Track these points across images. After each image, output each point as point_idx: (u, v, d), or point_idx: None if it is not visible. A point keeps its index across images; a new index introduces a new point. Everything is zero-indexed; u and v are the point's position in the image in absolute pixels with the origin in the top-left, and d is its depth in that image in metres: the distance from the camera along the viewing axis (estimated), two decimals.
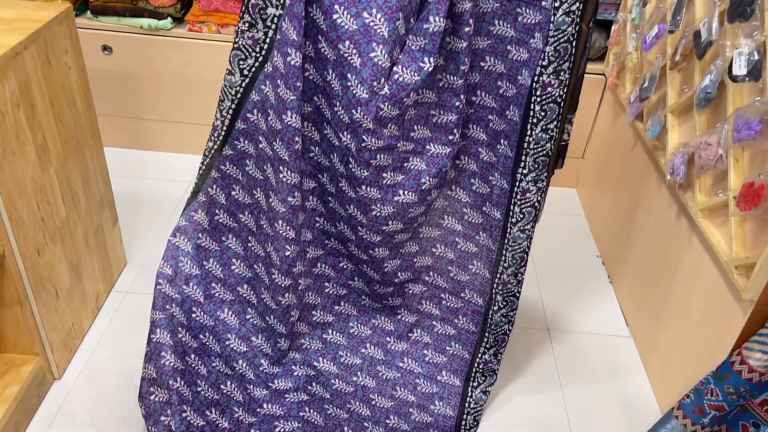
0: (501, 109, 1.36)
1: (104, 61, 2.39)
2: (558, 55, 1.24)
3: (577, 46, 1.23)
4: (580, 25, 1.21)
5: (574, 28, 1.21)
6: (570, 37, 1.22)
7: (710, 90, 1.48)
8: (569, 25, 1.21)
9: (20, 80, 1.37)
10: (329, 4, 1.17)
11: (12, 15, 1.48)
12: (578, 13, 1.21)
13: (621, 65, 2.16)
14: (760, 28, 1.32)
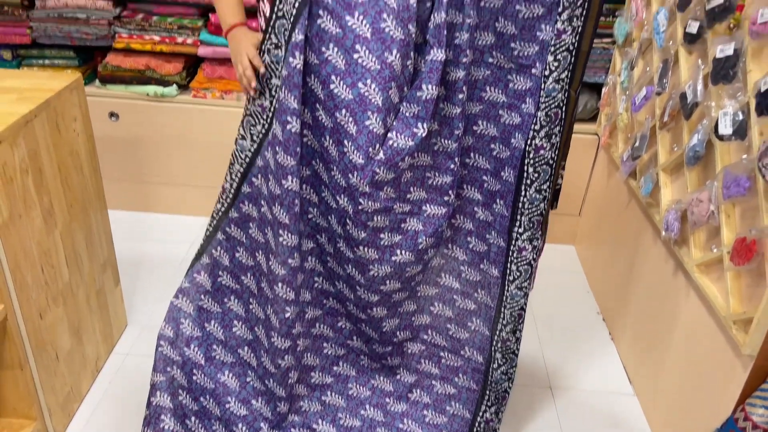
0: (495, 170, 1.40)
1: (111, 127, 2.46)
2: (549, 119, 1.29)
3: (566, 110, 1.29)
4: (568, 91, 1.27)
5: (563, 94, 1.27)
6: (560, 102, 1.28)
7: (699, 149, 1.52)
8: (559, 92, 1.27)
9: (30, 147, 1.41)
10: (326, 75, 1.22)
11: (25, 85, 1.54)
12: (567, 80, 1.27)
13: (613, 125, 2.22)
14: (742, 90, 1.37)
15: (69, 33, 2.36)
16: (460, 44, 1.26)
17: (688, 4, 1.62)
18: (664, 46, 1.78)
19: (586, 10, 1.22)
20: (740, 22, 1.39)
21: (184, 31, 2.36)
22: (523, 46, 1.29)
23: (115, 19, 2.35)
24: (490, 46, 1.31)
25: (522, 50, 1.29)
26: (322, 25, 1.20)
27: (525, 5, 1.25)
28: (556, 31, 1.24)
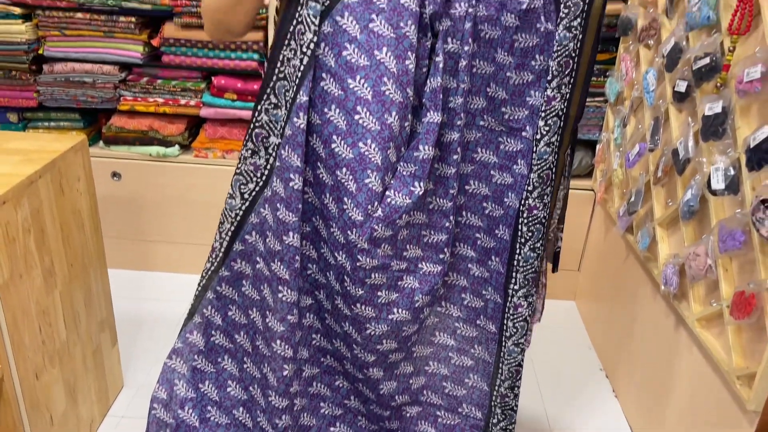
0: (489, 228, 1.42)
1: (113, 186, 2.49)
2: (542, 181, 1.33)
3: (556, 172, 1.33)
4: (559, 154, 1.31)
5: (554, 156, 1.31)
6: (551, 165, 1.32)
7: (693, 203, 1.54)
8: (550, 155, 1.31)
9: (33, 207, 1.43)
10: (328, 135, 1.26)
11: (31, 147, 1.57)
12: (557, 143, 1.31)
13: (608, 181, 2.25)
14: (733, 146, 1.41)
15: (75, 96, 2.42)
16: (455, 108, 1.30)
17: (675, 65, 1.68)
18: (655, 104, 1.83)
19: (574, 79, 1.27)
20: (727, 81, 1.44)
21: (187, 93, 2.43)
22: (513, 110, 1.33)
23: (120, 82, 2.42)
24: (482, 110, 1.35)
25: (512, 114, 1.34)
26: (325, 87, 1.24)
27: (515, 72, 1.30)
28: (546, 98, 1.29)
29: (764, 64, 1.29)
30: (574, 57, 1.25)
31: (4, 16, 2.30)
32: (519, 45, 1.28)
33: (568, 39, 1.24)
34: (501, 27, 1.29)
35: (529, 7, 1.24)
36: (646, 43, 1.95)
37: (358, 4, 1.21)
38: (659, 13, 1.85)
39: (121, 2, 2.27)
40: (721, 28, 1.48)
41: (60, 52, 2.36)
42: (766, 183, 1.26)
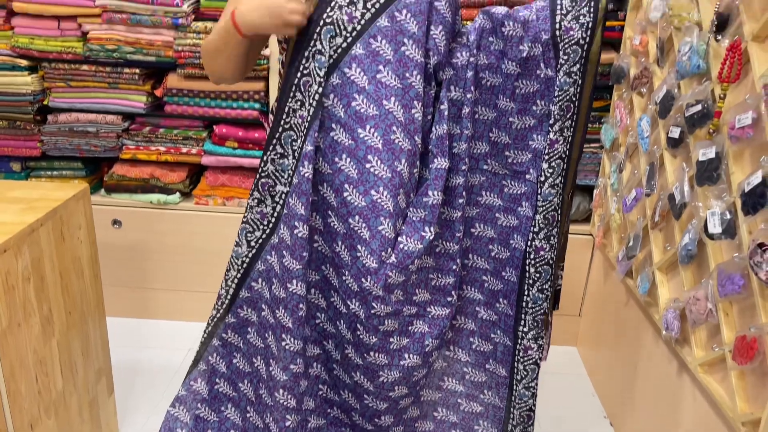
0: (495, 270, 1.43)
1: (113, 234, 2.50)
2: (547, 222, 1.35)
3: (562, 213, 1.35)
4: (563, 195, 1.34)
5: (558, 198, 1.33)
6: (556, 206, 1.34)
7: (691, 248, 1.55)
8: (555, 197, 1.33)
9: (34, 255, 1.44)
10: (340, 184, 1.28)
11: (33, 195, 1.59)
12: (561, 185, 1.33)
13: (606, 226, 2.27)
14: (728, 191, 1.42)
15: (78, 145, 2.45)
16: (459, 153, 1.34)
17: (668, 112, 1.71)
18: (650, 150, 1.85)
19: (575, 122, 1.31)
20: (719, 127, 1.46)
21: (189, 142, 2.46)
22: (516, 154, 1.36)
23: (123, 131, 2.46)
24: (485, 155, 1.38)
25: (516, 158, 1.36)
26: (335, 137, 1.27)
27: (517, 117, 1.34)
28: (548, 141, 1.32)
29: (755, 111, 1.32)
30: (575, 101, 1.29)
31: (11, 68, 2.36)
32: (520, 91, 1.32)
33: (568, 84, 1.28)
34: (502, 74, 1.33)
35: (529, 55, 1.29)
36: (639, 91, 1.99)
37: (365, 56, 1.25)
38: (650, 62, 1.90)
39: (126, 55, 2.33)
40: (711, 76, 1.51)
41: (65, 102, 2.41)
42: (763, 227, 1.27)
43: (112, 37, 2.31)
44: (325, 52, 1.24)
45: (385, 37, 1.25)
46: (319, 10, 1.25)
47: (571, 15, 1.26)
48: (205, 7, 2.32)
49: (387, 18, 1.25)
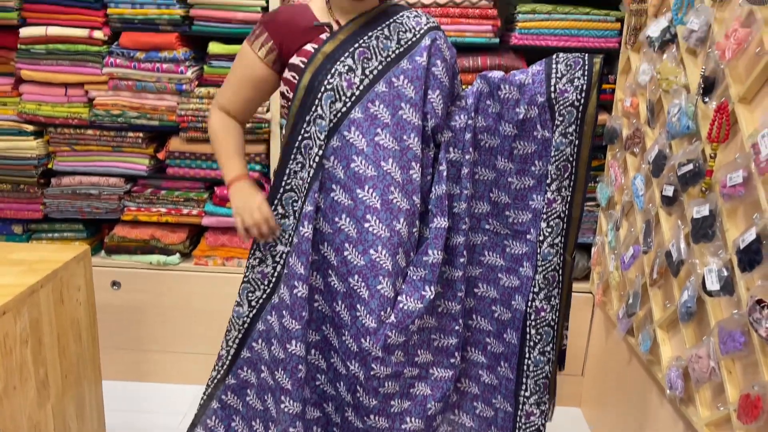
0: (498, 332, 1.42)
1: (112, 295, 2.49)
2: (547, 282, 1.35)
3: (563, 273, 1.35)
4: (564, 255, 1.34)
5: (559, 258, 1.34)
6: (557, 266, 1.35)
7: (690, 305, 1.55)
8: (554, 256, 1.34)
9: (32, 317, 1.43)
10: (340, 243, 1.29)
11: (34, 257, 1.60)
12: (561, 245, 1.34)
13: (605, 284, 2.27)
14: (723, 248, 1.44)
15: (81, 208, 2.48)
16: (459, 213, 1.36)
17: (661, 171, 1.75)
18: (645, 208, 1.88)
19: (574, 182, 1.33)
20: (711, 185, 1.49)
21: (190, 203, 2.49)
22: (516, 213, 1.38)
23: (125, 193, 2.49)
24: (486, 214, 1.40)
25: (516, 218, 1.38)
26: (335, 197, 1.29)
27: (516, 177, 1.36)
28: (546, 200, 1.33)
29: (745, 169, 1.35)
30: (572, 161, 1.32)
31: (17, 133, 2.41)
32: (518, 152, 1.35)
33: (564, 144, 1.31)
34: (500, 136, 1.36)
35: (526, 117, 1.33)
36: (632, 151, 2.04)
37: (363, 120, 1.29)
38: (642, 123, 1.95)
39: (131, 119, 2.39)
40: (701, 137, 1.55)
41: (69, 166, 2.45)
42: (760, 283, 1.28)
43: (118, 103, 2.37)
44: (325, 116, 1.28)
45: (383, 101, 1.29)
46: (320, 77, 1.30)
47: (566, 78, 1.30)
48: (208, 73, 2.39)
49: (385, 84, 1.29)
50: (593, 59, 1.32)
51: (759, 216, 1.29)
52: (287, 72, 1.36)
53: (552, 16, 2.26)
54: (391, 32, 1.35)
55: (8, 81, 2.41)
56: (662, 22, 1.78)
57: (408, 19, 1.39)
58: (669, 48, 1.74)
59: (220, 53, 2.35)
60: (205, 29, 2.33)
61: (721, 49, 1.44)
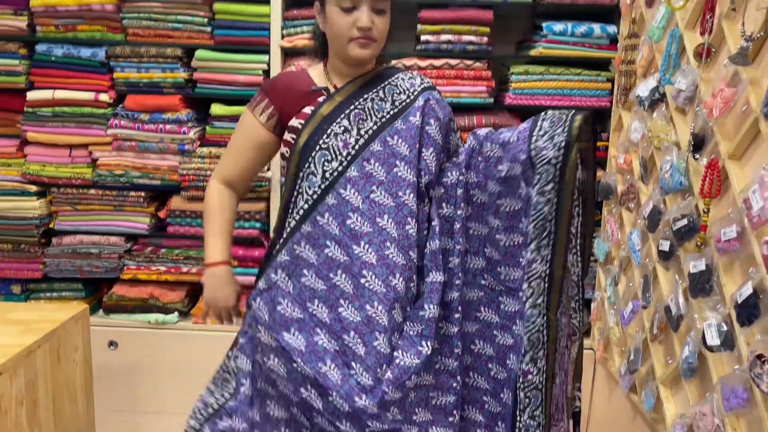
0: (495, 391, 1.39)
1: (109, 355, 2.46)
2: (532, 344, 1.30)
3: (548, 334, 1.31)
4: (547, 315, 1.30)
5: (542, 318, 1.30)
6: (540, 327, 1.30)
7: (692, 360, 1.54)
8: (537, 317, 1.30)
9: (29, 378, 1.42)
10: (334, 300, 1.29)
11: (32, 317, 1.60)
12: (543, 305, 1.30)
13: (606, 339, 2.25)
14: (722, 302, 1.44)
15: (80, 267, 2.48)
16: (453, 268, 1.36)
17: (656, 226, 1.76)
18: (642, 263, 1.89)
19: (553, 241, 1.30)
20: (706, 240, 1.51)
21: (190, 261, 2.50)
22: (507, 270, 1.37)
23: (125, 252, 2.50)
24: (482, 270, 1.40)
25: (507, 274, 1.37)
26: (329, 253, 1.30)
27: (505, 234, 1.36)
28: (527, 260, 1.31)
29: (738, 224, 1.37)
30: (551, 220, 1.28)
31: (20, 193, 2.44)
32: (504, 209, 1.36)
33: (542, 203, 1.28)
34: (488, 192, 1.38)
35: (509, 175, 1.33)
36: (627, 206, 2.06)
37: (359, 178, 1.31)
38: (635, 179, 1.98)
39: (133, 179, 2.42)
40: (693, 192, 1.58)
41: (70, 225, 2.47)
42: (759, 338, 1.28)
43: (121, 163, 2.41)
44: (317, 173, 1.31)
45: (378, 160, 1.32)
46: (316, 137, 1.33)
47: (547, 135, 1.27)
48: (210, 133, 2.44)
49: (380, 143, 1.33)
50: (574, 116, 1.26)
51: (755, 270, 1.30)
52: (287, 134, 1.40)
53: (545, 76, 2.33)
54: (386, 94, 1.39)
55: (14, 143, 2.46)
56: (651, 82, 1.83)
57: (402, 81, 1.43)
58: (659, 106, 1.79)
59: (222, 114, 2.41)
60: (207, 91, 2.40)
61: (709, 107, 1.48)
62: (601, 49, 2.32)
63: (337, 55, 1.40)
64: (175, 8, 2.34)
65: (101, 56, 2.34)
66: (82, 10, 2.32)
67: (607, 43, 2.32)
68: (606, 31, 2.29)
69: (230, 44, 2.36)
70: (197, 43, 2.37)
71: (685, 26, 1.67)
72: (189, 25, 2.35)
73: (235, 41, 2.36)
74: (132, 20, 2.34)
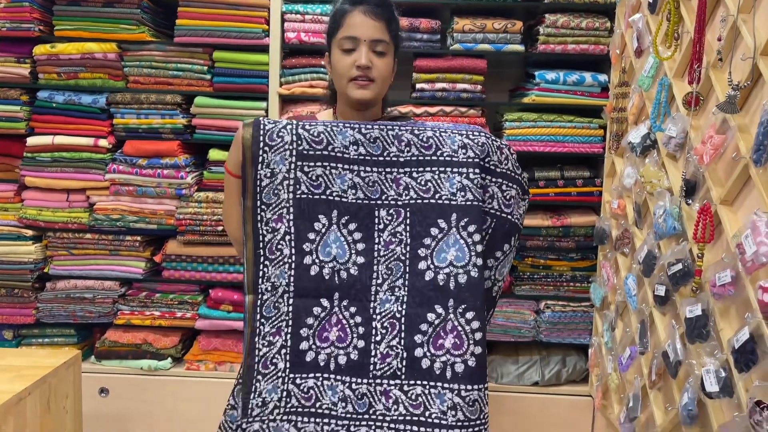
0: None
1: (99, 403, 2.42)
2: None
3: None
4: None
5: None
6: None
7: (691, 407, 1.52)
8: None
9: (18, 426, 1.39)
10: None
11: (24, 363, 1.58)
12: None
13: (605, 386, 2.22)
14: (719, 347, 1.43)
15: (73, 312, 2.46)
16: None
17: (651, 270, 1.77)
18: (639, 308, 1.88)
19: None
20: (701, 284, 1.51)
21: (184, 306, 2.48)
22: None
23: (119, 297, 2.48)
24: None
25: None
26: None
27: None
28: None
29: (733, 269, 1.37)
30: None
31: (16, 238, 2.43)
32: None
33: None
34: None
35: None
36: (622, 251, 2.07)
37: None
38: (630, 224, 2.00)
39: (130, 223, 2.43)
40: (687, 237, 1.59)
41: (65, 270, 2.46)
42: (758, 383, 1.26)
43: (118, 208, 2.42)
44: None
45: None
46: None
47: None
48: (208, 178, 2.46)
49: None
50: None
51: (750, 315, 1.30)
52: None
53: (537, 123, 2.38)
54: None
55: (11, 187, 2.47)
56: (642, 129, 1.87)
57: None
58: (650, 153, 1.82)
59: (220, 159, 2.43)
60: (206, 137, 2.43)
61: (699, 154, 1.51)
62: (593, 96, 2.37)
63: (341, 97, 1.42)
64: (175, 56, 2.39)
65: (102, 103, 2.38)
66: (84, 58, 2.37)
67: (598, 91, 2.37)
68: (597, 79, 2.35)
69: (229, 91, 2.41)
70: (197, 90, 2.41)
71: (673, 75, 1.71)
72: (189, 73, 2.40)
73: (234, 88, 2.40)
74: (133, 68, 2.39)
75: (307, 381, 1.24)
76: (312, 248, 1.25)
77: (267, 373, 1.24)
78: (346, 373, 1.24)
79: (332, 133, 1.27)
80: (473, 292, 1.24)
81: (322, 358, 1.25)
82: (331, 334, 1.25)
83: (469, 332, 1.24)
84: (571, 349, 2.52)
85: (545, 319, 2.42)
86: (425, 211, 1.26)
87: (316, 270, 1.25)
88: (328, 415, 1.23)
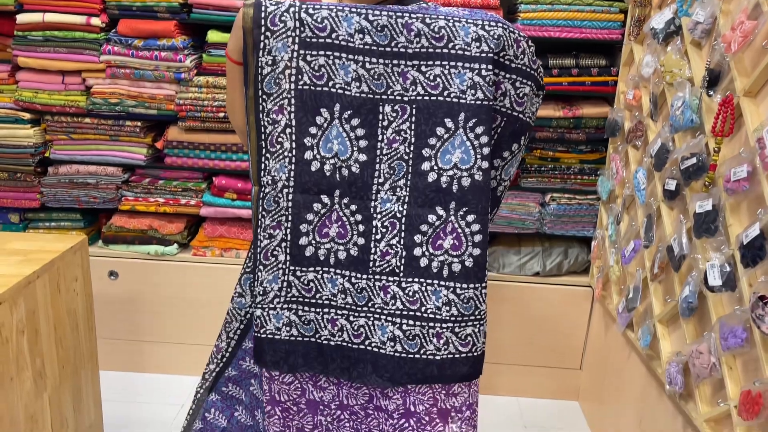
0: None
1: (109, 285, 2.48)
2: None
3: None
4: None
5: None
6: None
7: (691, 300, 1.54)
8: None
9: (29, 307, 1.42)
10: None
11: (31, 247, 1.59)
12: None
13: (605, 277, 2.26)
14: (726, 243, 1.42)
15: (78, 197, 2.46)
16: None
17: (663, 164, 1.73)
18: (646, 202, 1.87)
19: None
20: (714, 180, 1.48)
21: (188, 193, 2.47)
22: None
23: (123, 183, 2.47)
24: None
25: None
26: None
27: None
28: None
29: (749, 164, 1.33)
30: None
31: (14, 121, 2.38)
32: None
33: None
34: None
35: None
36: (633, 144, 2.02)
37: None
38: (644, 116, 1.94)
39: (128, 108, 2.36)
40: (704, 130, 1.54)
41: (66, 155, 2.43)
42: (763, 279, 1.27)
43: (115, 91, 2.34)
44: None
45: None
46: None
47: None
48: (207, 62, 2.37)
49: None
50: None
51: (763, 211, 1.28)
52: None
53: (554, 6, 2.24)
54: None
55: (5, 68, 2.38)
56: (667, 14, 1.76)
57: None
58: (673, 40, 1.72)
59: (220, 41, 2.32)
60: (203, 17, 2.30)
61: (727, 41, 1.42)
62: None
63: None
64: None
65: None
66: None
67: None
68: None
69: None
70: None
71: None
72: None
73: None
74: None
75: (307, 274, 1.25)
76: (313, 143, 1.21)
77: (268, 264, 1.24)
78: (346, 268, 1.24)
79: (337, 19, 1.18)
80: (476, 196, 1.21)
81: (322, 252, 1.24)
82: (331, 230, 1.24)
83: (469, 234, 1.22)
84: (573, 241, 2.53)
85: (550, 212, 2.41)
86: (432, 109, 1.20)
87: (317, 166, 1.21)
88: (328, 305, 1.25)
